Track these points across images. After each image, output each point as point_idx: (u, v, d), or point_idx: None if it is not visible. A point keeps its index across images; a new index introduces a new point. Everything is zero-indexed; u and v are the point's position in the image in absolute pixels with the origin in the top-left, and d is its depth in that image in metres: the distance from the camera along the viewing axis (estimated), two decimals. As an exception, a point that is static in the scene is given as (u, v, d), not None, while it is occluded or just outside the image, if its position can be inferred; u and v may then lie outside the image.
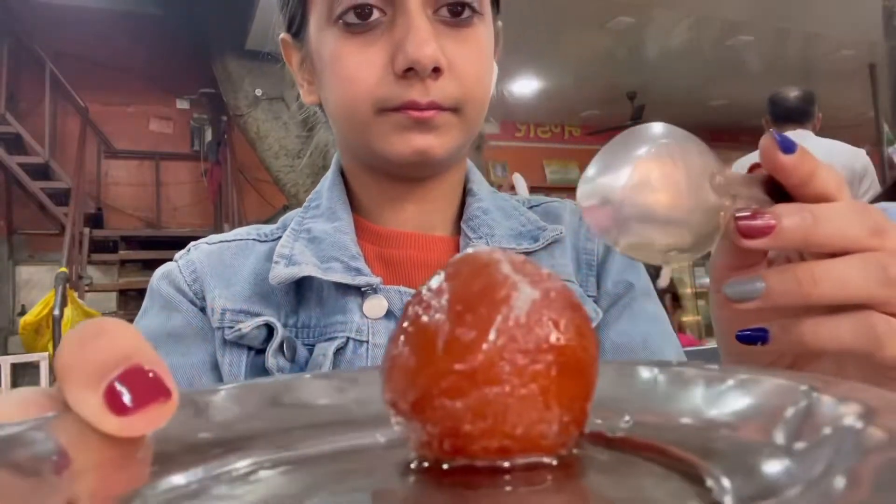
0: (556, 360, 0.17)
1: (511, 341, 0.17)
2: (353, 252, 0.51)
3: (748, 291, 0.28)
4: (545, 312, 0.18)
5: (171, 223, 6.38)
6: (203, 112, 6.47)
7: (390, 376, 0.19)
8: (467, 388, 0.17)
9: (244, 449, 0.20)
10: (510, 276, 0.18)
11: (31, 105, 5.73)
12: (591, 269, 0.57)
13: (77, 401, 0.16)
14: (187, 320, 0.51)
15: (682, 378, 0.22)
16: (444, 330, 0.17)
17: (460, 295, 0.18)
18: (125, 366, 0.16)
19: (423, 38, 0.45)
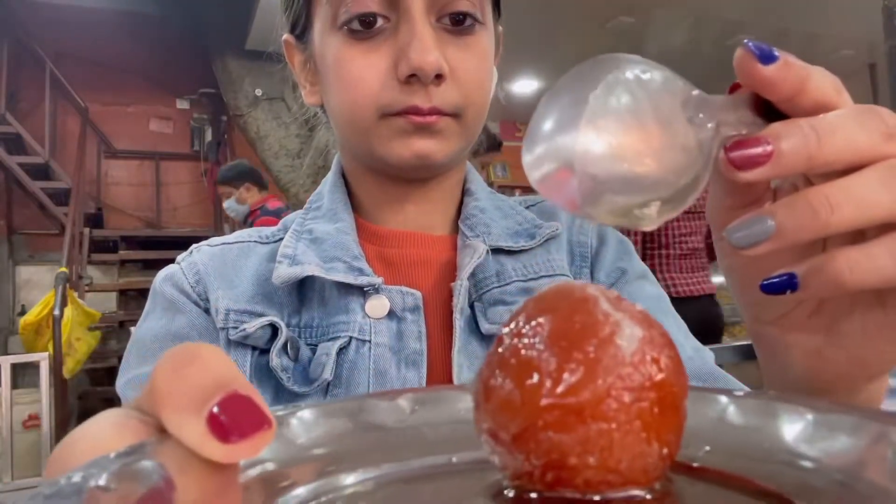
0: (657, 397, 0.18)
1: (618, 379, 0.18)
2: (355, 252, 0.52)
3: (756, 234, 0.23)
4: (647, 351, 0.18)
5: (171, 223, 6.38)
6: (203, 112, 6.47)
7: (489, 406, 0.19)
8: (574, 423, 0.17)
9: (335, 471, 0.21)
10: (611, 314, 0.19)
11: (31, 105, 5.73)
12: (584, 260, 0.57)
13: (179, 427, 0.16)
14: (192, 321, 0.51)
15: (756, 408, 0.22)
16: (551, 365, 0.18)
17: (563, 331, 0.18)
18: (224, 392, 0.16)
19: (426, 46, 0.45)
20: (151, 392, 0.17)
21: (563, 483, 0.18)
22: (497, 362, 0.19)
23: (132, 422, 0.18)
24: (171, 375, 0.17)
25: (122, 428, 0.17)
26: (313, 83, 0.55)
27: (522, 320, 0.19)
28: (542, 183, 0.23)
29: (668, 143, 0.22)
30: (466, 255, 0.52)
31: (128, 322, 5.13)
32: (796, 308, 0.30)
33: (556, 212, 0.60)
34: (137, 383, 0.49)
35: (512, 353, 0.19)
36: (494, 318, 0.51)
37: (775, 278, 0.25)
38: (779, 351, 0.31)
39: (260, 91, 4.72)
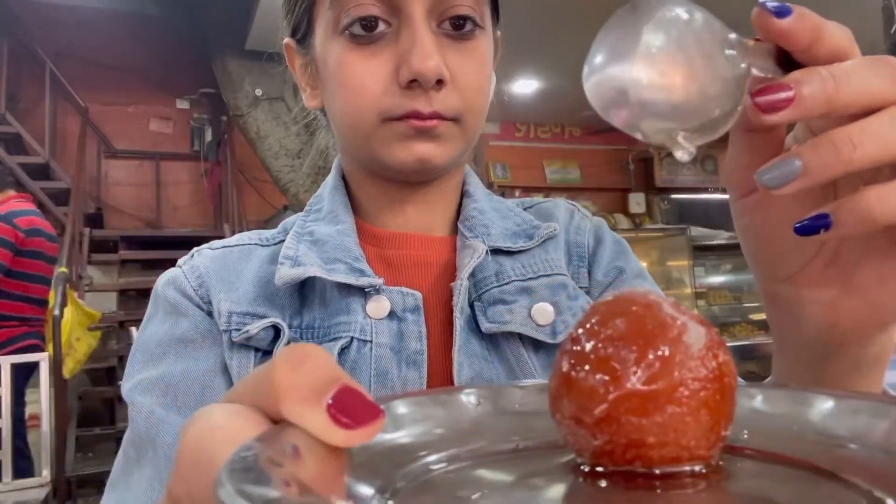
0: (718, 387, 0.21)
1: (687, 371, 0.21)
2: (356, 254, 0.52)
3: (785, 174, 0.25)
4: (709, 348, 0.22)
5: (171, 223, 6.38)
6: (203, 112, 6.47)
7: (573, 395, 0.22)
8: (652, 408, 0.21)
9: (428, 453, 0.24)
10: (677, 317, 0.22)
11: (31, 105, 5.73)
12: (582, 260, 0.58)
13: (302, 417, 0.19)
14: (195, 325, 0.51)
15: (784, 397, 0.26)
16: (630, 359, 0.21)
17: (638, 331, 0.21)
18: (338, 385, 0.19)
19: (427, 52, 0.46)
20: (270, 387, 0.19)
21: (640, 459, 0.21)
22: (578, 358, 0.22)
23: (252, 414, 0.20)
24: (289, 373, 0.19)
25: (247, 419, 0.20)
26: (314, 87, 0.55)
27: (596, 323, 0.22)
28: (602, 106, 0.25)
29: (709, 75, 0.25)
30: (466, 256, 0.52)
31: (128, 322, 5.13)
32: (811, 261, 0.31)
33: (553, 213, 0.61)
34: (145, 387, 0.49)
35: (592, 350, 0.22)
36: (494, 317, 0.51)
37: (807, 220, 0.26)
38: (794, 308, 0.32)
39: (260, 91, 4.72)
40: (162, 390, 0.48)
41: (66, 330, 3.73)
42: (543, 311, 0.52)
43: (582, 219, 0.61)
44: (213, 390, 0.49)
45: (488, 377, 0.50)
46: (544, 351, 0.52)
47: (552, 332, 0.52)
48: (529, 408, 0.27)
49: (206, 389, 0.49)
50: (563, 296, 0.54)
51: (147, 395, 0.48)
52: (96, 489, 4.19)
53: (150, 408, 0.48)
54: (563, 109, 7.25)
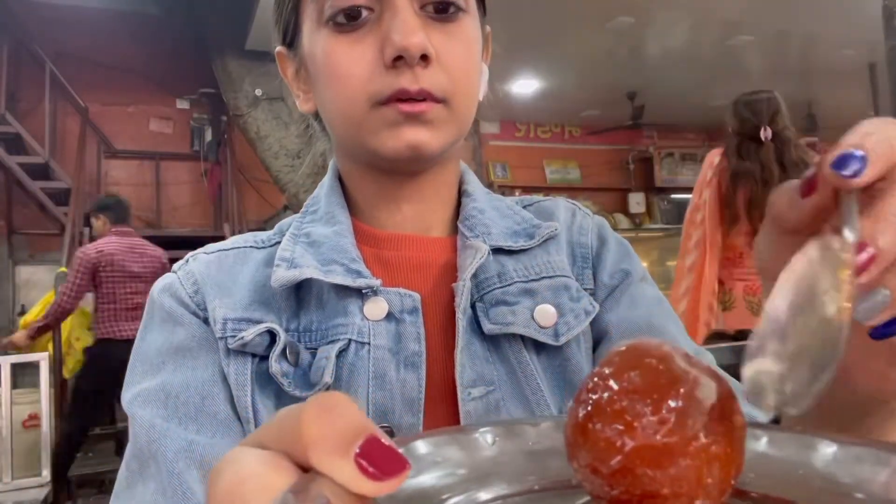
0: (730, 439, 0.22)
1: (701, 426, 0.22)
2: (353, 255, 0.51)
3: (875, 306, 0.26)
4: (721, 400, 0.22)
5: (171, 223, 6.38)
6: (203, 112, 6.46)
7: (589, 446, 0.23)
8: (667, 461, 0.21)
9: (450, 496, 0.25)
10: (689, 371, 0.23)
11: (31, 105, 5.73)
12: (586, 262, 0.57)
13: (331, 467, 0.19)
14: (191, 333, 0.50)
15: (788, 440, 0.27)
16: (645, 413, 0.22)
17: (651, 384, 0.22)
18: (365, 436, 0.20)
19: (409, 28, 0.46)
20: (298, 436, 0.20)
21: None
22: (594, 409, 0.23)
23: (282, 461, 0.21)
24: (317, 422, 0.20)
25: (278, 468, 0.20)
26: (307, 91, 0.55)
27: (611, 375, 0.23)
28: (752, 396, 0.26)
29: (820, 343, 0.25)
30: (468, 256, 0.52)
31: (128, 322, 5.13)
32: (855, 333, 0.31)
33: (553, 212, 0.60)
34: (145, 398, 0.48)
35: (608, 402, 0.23)
36: (496, 318, 0.51)
37: (883, 326, 0.27)
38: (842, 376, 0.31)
39: (260, 91, 4.72)
40: (162, 401, 0.48)
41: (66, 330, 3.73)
42: (546, 313, 0.52)
43: (584, 218, 0.61)
44: (213, 399, 0.48)
45: (490, 379, 0.50)
46: (546, 353, 0.52)
47: (555, 334, 0.51)
48: (543, 446, 0.28)
49: (205, 399, 0.48)
50: (566, 297, 0.53)
51: (147, 406, 0.48)
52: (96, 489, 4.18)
53: (151, 421, 0.47)
54: (563, 109, 7.25)
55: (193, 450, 0.46)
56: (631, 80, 6.22)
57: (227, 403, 0.48)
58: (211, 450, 0.46)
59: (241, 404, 0.48)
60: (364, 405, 0.47)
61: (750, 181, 1.97)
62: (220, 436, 0.47)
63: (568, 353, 0.52)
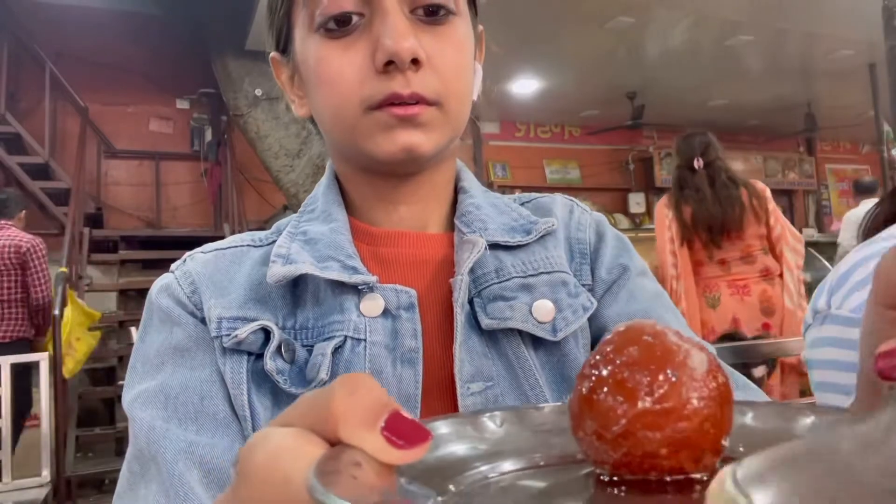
0: (719, 403, 0.24)
1: (693, 391, 0.24)
2: (349, 252, 0.52)
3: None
4: (710, 369, 0.25)
5: (171, 223, 6.39)
6: (203, 112, 6.47)
7: (594, 414, 0.25)
8: (664, 424, 0.24)
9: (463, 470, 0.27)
10: (681, 345, 0.25)
11: (31, 105, 5.73)
12: (584, 257, 0.58)
13: (361, 439, 0.21)
14: (189, 333, 0.51)
15: (771, 413, 0.29)
16: (644, 382, 0.24)
17: (649, 358, 0.25)
18: (389, 411, 0.22)
19: (400, 32, 0.46)
20: (328, 413, 0.22)
21: (654, 469, 0.24)
22: (597, 382, 0.25)
23: (312, 436, 0.22)
24: (345, 400, 0.22)
25: (310, 441, 0.22)
26: (301, 96, 0.55)
27: (612, 351, 0.26)
28: None
29: None
30: (465, 251, 0.52)
31: (128, 322, 5.13)
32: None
33: (551, 208, 0.60)
34: (145, 400, 0.48)
35: (610, 374, 0.25)
36: (494, 313, 0.51)
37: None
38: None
39: (260, 91, 4.73)
40: (161, 403, 0.48)
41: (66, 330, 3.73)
42: (544, 308, 0.52)
43: (582, 214, 0.61)
44: (212, 399, 0.48)
45: (488, 374, 0.50)
46: (544, 348, 0.52)
47: (552, 330, 0.52)
48: (547, 427, 0.31)
49: (204, 399, 0.48)
50: (564, 293, 0.53)
51: (147, 408, 0.48)
52: (96, 489, 4.18)
53: (151, 423, 0.47)
54: (563, 109, 7.25)
55: (194, 451, 0.46)
56: (631, 80, 6.23)
57: (225, 403, 0.49)
58: (211, 450, 0.46)
59: (238, 403, 0.48)
60: None
61: (690, 202, 2.41)
62: (220, 436, 0.47)
63: (566, 349, 0.52)
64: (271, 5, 0.54)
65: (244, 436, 0.48)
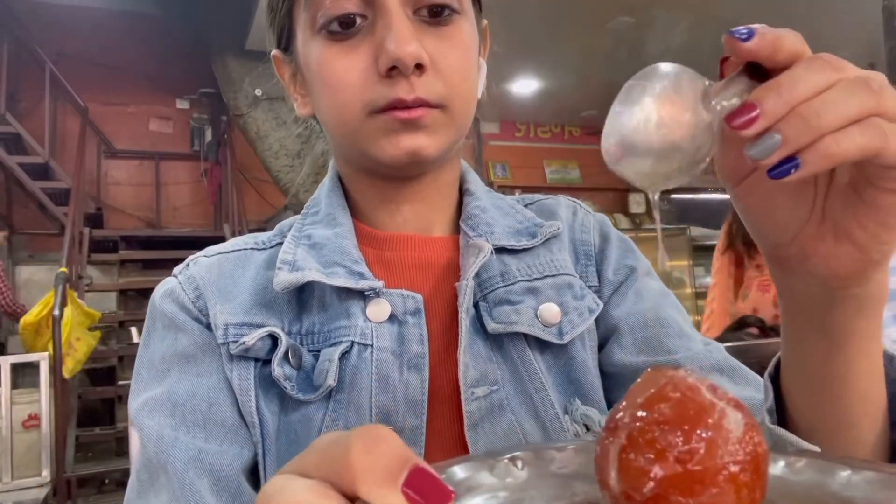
0: (755, 467, 0.24)
1: (728, 454, 0.23)
2: (355, 257, 0.51)
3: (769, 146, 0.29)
4: (747, 431, 0.24)
5: (171, 223, 6.38)
6: (203, 112, 6.47)
7: (620, 473, 0.24)
8: (698, 489, 0.23)
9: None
10: (716, 402, 0.24)
11: (31, 105, 5.73)
12: (589, 259, 0.58)
13: (381, 497, 0.21)
14: (194, 340, 0.50)
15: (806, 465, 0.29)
16: (677, 444, 0.23)
17: (682, 417, 0.24)
18: (409, 467, 0.21)
19: (403, 37, 0.45)
20: (346, 468, 0.21)
21: None
22: (628, 440, 0.24)
23: (331, 491, 0.22)
24: (364, 455, 0.21)
25: (328, 497, 0.21)
26: (304, 94, 0.55)
27: (642, 406, 0.25)
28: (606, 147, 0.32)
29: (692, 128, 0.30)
30: (471, 255, 0.52)
31: (128, 322, 5.13)
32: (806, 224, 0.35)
33: (555, 210, 0.60)
34: (152, 408, 0.48)
35: (640, 432, 0.24)
36: (500, 317, 0.51)
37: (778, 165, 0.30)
38: (797, 265, 0.36)
39: (260, 91, 4.72)
40: (169, 410, 0.48)
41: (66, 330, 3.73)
42: (550, 312, 0.51)
43: (586, 215, 0.61)
44: (220, 406, 0.48)
45: (493, 378, 0.49)
46: (550, 352, 0.52)
47: (559, 333, 0.51)
48: (569, 470, 0.30)
49: (212, 406, 0.48)
50: (569, 296, 0.53)
51: (154, 415, 0.48)
52: (96, 489, 4.18)
53: (159, 432, 0.47)
54: (563, 109, 7.25)
55: (203, 459, 0.46)
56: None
57: (233, 409, 0.48)
58: (220, 458, 0.46)
59: (246, 409, 0.48)
60: (367, 407, 0.47)
61: None
62: (228, 443, 0.47)
63: (572, 352, 0.52)
64: (272, 4, 0.54)
65: (252, 442, 0.48)
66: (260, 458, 0.48)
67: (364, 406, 0.47)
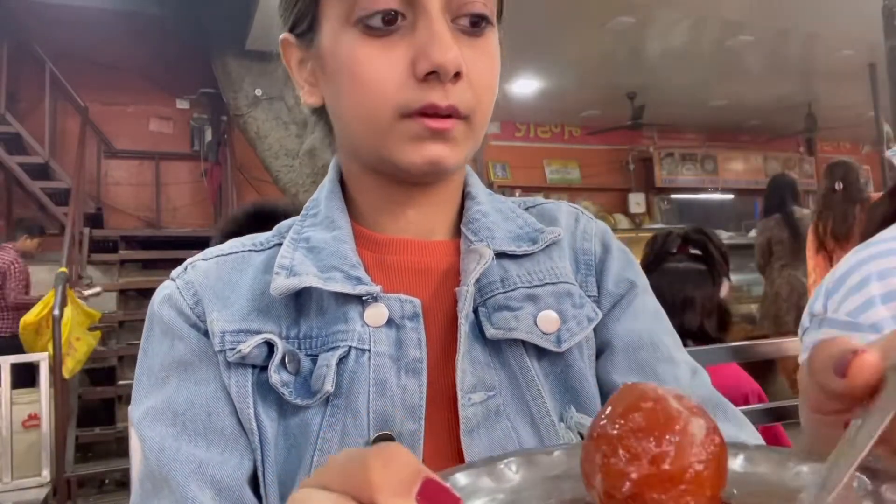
0: (717, 465, 0.27)
1: (695, 456, 0.27)
2: (353, 261, 0.51)
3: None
4: (708, 434, 0.28)
5: (171, 223, 6.39)
6: (203, 112, 6.47)
7: (605, 476, 0.28)
8: (670, 486, 0.26)
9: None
10: (682, 411, 0.28)
11: (31, 105, 5.73)
12: (589, 269, 0.57)
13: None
14: (191, 347, 0.50)
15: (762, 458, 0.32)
16: (650, 448, 0.27)
17: (653, 424, 0.27)
18: (422, 479, 0.24)
19: (447, 44, 0.45)
20: (365, 482, 0.23)
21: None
22: (607, 446, 0.28)
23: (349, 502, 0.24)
24: (381, 470, 0.23)
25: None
26: (313, 84, 0.53)
27: (618, 417, 0.28)
28: None
29: None
30: (472, 261, 0.51)
31: (128, 322, 5.13)
32: None
33: (556, 216, 0.60)
34: (153, 417, 0.48)
35: (618, 439, 0.28)
36: (499, 323, 0.50)
37: None
38: None
39: (260, 91, 4.73)
40: (170, 420, 0.48)
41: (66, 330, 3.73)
42: (549, 319, 0.51)
43: (588, 222, 0.60)
44: (219, 414, 0.48)
45: (490, 384, 0.49)
46: (547, 359, 0.52)
47: (557, 340, 0.51)
48: (558, 471, 0.34)
49: (211, 415, 0.48)
50: (568, 304, 0.53)
51: (155, 425, 0.48)
52: (96, 489, 4.18)
53: (161, 443, 0.47)
54: (563, 109, 7.25)
55: (205, 471, 0.46)
56: (631, 80, 6.23)
57: (232, 417, 0.48)
58: (222, 468, 0.46)
59: (245, 416, 0.48)
60: (365, 412, 0.47)
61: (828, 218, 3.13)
62: (229, 451, 0.47)
63: (569, 360, 0.52)
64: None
65: (252, 448, 0.48)
66: (259, 465, 0.47)
67: (362, 411, 0.47)
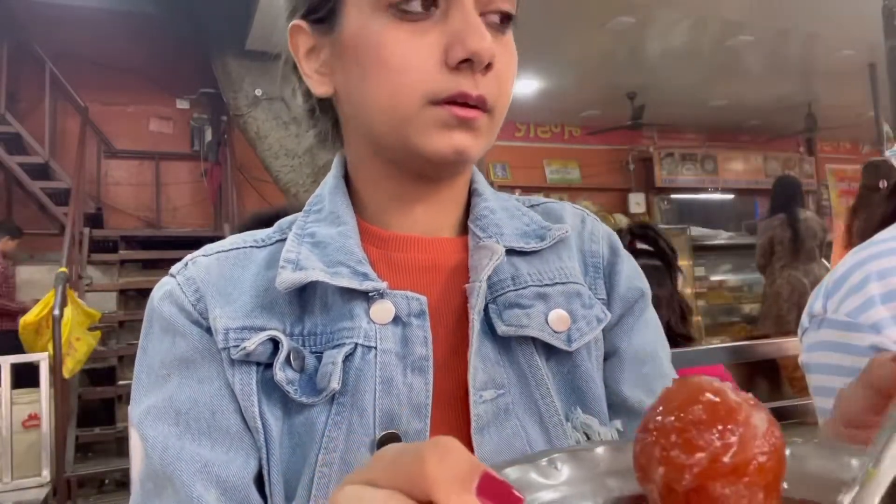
0: (778, 456, 0.27)
1: (758, 448, 0.27)
2: (359, 257, 0.50)
3: None
4: (770, 426, 0.28)
5: (171, 223, 6.38)
6: (203, 112, 6.47)
7: (667, 469, 0.27)
8: (734, 478, 0.26)
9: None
10: (741, 403, 0.28)
11: (31, 105, 5.73)
12: (598, 271, 0.57)
13: (458, 501, 0.22)
14: (193, 345, 0.49)
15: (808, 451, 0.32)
16: (713, 440, 0.27)
17: (715, 415, 0.27)
18: (480, 473, 0.23)
19: (483, 33, 0.46)
20: (421, 477, 0.22)
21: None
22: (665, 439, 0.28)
23: (406, 500, 0.23)
24: (438, 465, 0.22)
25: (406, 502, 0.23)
26: (323, 73, 0.52)
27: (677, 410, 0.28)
28: None
29: None
30: (483, 257, 0.51)
31: (128, 322, 5.13)
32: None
33: (561, 215, 0.60)
34: (155, 416, 0.47)
35: (678, 432, 0.27)
36: (511, 320, 0.50)
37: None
38: None
39: (260, 91, 4.72)
40: (173, 418, 0.47)
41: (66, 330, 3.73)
42: (560, 318, 0.51)
43: (595, 223, 0.60)
44: (223, 413, 0.47)
45: (500, 382, 0.49)
46: (556, 358, 0.52)
47: (567, 340, 0.51)
48: (602, 469, 0.34)
49: (215, 414, 0.47)
50: (578, 304, 0.53)
51: (158, 424, 0.47)
52: (96, 489, 4.19)
53: (164, 442, 0.46)
54: (563, 109, 7.24)
55: (210, 470, 0.45)
56: (631, 80, 6.22)
57: (237, 415, 0.48)
58: (227, 468, 0.46)
59: (249, 414, 0.47)
60: (371, 411, 0.47)
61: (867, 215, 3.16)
62: (234, 450, 0.47)
63: (577, 360, 0.52)
64: None
65: (257, 447, 0.47)
66: (264, 463, 0.47)
67: (368, 409, 0.47)
